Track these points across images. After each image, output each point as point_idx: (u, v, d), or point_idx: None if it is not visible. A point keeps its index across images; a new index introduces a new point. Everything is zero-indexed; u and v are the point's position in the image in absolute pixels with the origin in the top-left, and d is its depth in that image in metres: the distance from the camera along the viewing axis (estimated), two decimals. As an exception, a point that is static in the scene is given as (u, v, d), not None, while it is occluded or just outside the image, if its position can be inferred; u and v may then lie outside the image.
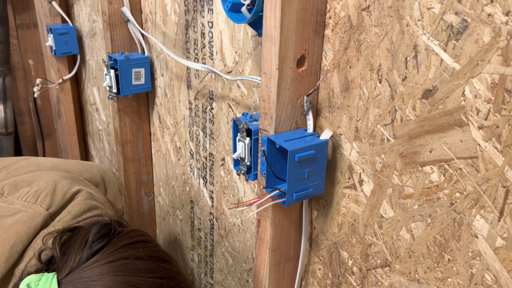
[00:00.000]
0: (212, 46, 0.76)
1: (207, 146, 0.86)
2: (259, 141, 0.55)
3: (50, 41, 1.28)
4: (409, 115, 0.45)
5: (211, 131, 0.83)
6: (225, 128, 0.79)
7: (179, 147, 0.97)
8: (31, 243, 0.62)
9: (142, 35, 0.97)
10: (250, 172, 0.62)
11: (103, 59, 1.07)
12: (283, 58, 0.49)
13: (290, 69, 0.51)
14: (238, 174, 0.63)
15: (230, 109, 0.75)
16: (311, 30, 0.51)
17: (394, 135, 0.47)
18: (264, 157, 0.53)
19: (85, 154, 1.58)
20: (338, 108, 0.53)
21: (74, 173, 0.76)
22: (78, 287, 0.54)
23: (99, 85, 1.31)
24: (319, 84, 0.55)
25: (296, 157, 0.49)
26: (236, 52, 0.70)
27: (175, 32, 0.86)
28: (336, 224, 0.58)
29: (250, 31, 0.66)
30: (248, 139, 0.60)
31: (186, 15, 0.81)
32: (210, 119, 0.82)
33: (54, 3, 1.27)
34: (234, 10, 0.57)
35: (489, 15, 0.37)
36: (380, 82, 0.48)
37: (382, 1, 0.45)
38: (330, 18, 0.52)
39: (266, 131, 0.54)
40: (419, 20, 0.42)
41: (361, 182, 0.53)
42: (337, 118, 0.54)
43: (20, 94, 1.79)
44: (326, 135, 0.53)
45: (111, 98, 1.00)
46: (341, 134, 0.54)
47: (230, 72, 0.73)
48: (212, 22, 0.74)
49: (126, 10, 0.94)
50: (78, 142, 1.51)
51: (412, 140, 0.46)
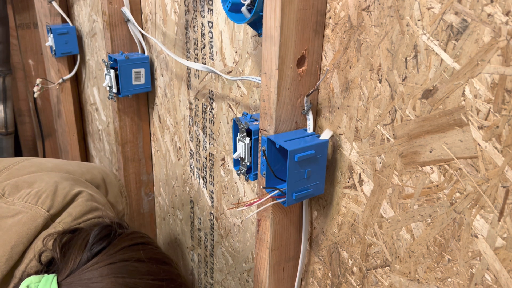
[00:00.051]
0: (212, 46, 0.76)
1: (207, 146, 0.86)
2: (259, 141, 0.55)
3: (50, 41, 1.28)
4: (409, 115, 0.45)
5: (211, 131, 0.83)
6: (225, 128, 0.79)
7: (179, 147, 0.97)
8: (31, 244, 0.62)
9: (142, 35, 0.97)
10: (250, 172, 0.62)
11: (103, 59, 1.07)
12: (283, 58, 0.49)
13: (290, 69, 0.51)
14: (238, 174, 0.63)
15: (230, 109, 0.75)
16: (311, 30, 0.51)
17: (394, 135, 0.47)
18: (264, 157, 0.53)
19: (85, 154, 1.58)
20: (338, 108, 0.53)
21: (75, 174, 0.76)
22: None
23: (99, 85, 1.31)
24: (319, 84, 0.55)
25: (296, 157, 0.49)
26: (236, 52, 0.70)
27: (175, 32, 0.86)
28: (336, 224, 0.58)
29: (250, 31, 0.66)
30: (248, 139, 0.60)
31: (186, 15, 0.81)
32: (210, 119, 0.82)
33: (54, 3, 1.27)
34: (234, 10, 0.57)
35: (489, 15, 0.37)
36: (380, 82, 0.48)
37: (382, 1, 0.45)
38: (330, 18, 0.52)
39: (266, 131, 0.54)
40: (419, 20, 0.42)
41: (361, 182, 0.53)
42: (337, 118, 0.54)
43: (20, 94, 1.79)
44: (326, 135, 0.53)
45: (111, 98, 1.00)
46: (341, 134, 0.54)
47: (230, 72, 0.73)
48: (212, 22, 0.74)
49: (126, 10, 0.94)
50: (78, 142, 1.51)
51: (412, 140, 0.46)
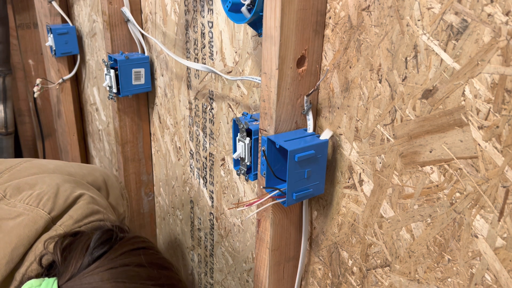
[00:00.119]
0: (212, 46, 0.76)
1: (207, 146, 0.86)
2: (259, 141, 0.55)
3: (50, 41, 1.28)
4: (409, 115, 0.45)
5: (211, 131, 0.83)
6: (225, 128, 0.79)
7: (179, 147, 0.97)
8: (32, 246, 0.62)
9: (142, 35, 0.97)
10: (250, 172, 0.62)
11: (103, 59, 1.07)
12: (283, 58, 0.49)
13: (290, 69, 0.51)
14: (238, 174, 0.63)
15: (230, 109, 0.75)
16: (311, 30, 0.51)
17: (394, 135, 0.47)
18: (264, 157, 0.53)
19: (85, 154, 1.58)
20: (338, 108, 0.53)
21: (77, 176, 0.76)
22: None
23: (99, 85, 1.31)
24: (319, 84, 0.55)
25: (296, 157, 0.49)
26: (236, 52, 0.70)
27: (175, 32, 0.86)
28: (336, 224, 0.58)
29: (250, 31, 0.66)
30: (248, 139, 0.60)
31: (186, 15, 0.81)
32: (210, 119, 0.82)
33: (54, 3, 1.27)
34: (234, 10, 0.57)
35: (489, 15, 0.37)
36: (380, 82, 0.48)
37: (382, 1, 0.45)
38: (330, 18, 0.52)
39: (266, 131, 0.54)
40: (419, 20, 0.42)
41: (361, 182, 0.53)
42: (337, 118, 0.54)
43: (20, 94, 1.79)
44: (326, 135, 0.53)
45: (111, 98, 1.00)
46: (341, 134, 0.54)
47: (230, 72, 0.73)
48: (212, 22, 0.74)
49: (126, 10, 0.94)
50: (78, 142, 1.51)
51: (412, 140, 0.46)
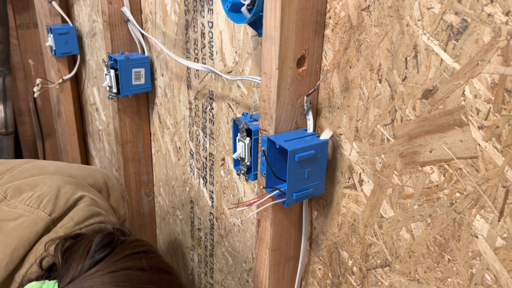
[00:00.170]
0: (212, 46, 0.76)
1: (207, 146, 0.86)
2: (259, 141, 0.55)
3: (50, 41, 1.28)
4: (409, 115, 0.45)
5: (211, 131, 0.83)
6: (225, 128, 0.79)
7: (179, 147, 0.97)
8: (32, 248, 0.62)
9: (142, 35, 0.97)
10: (250, 172, 0.62)
11: (103, 59, 1.07)
12: (283, 58, 0.49)
13: (290, 69, 0.51)
14: (238, 174, 0.63)
15: (230, 109, 0.75)
16: (311, 30, 0.51)
17: (394, 135, 0.47)
18: (264, 157, 0.53)
19: (85, 154, 1.58)
20: (338, 108, 0.53)
21: (78, 178, 0.76)
22: None
23: (99, 85, 1.31)
24: (319, 84, 0.55)
25: (296, 157, 0.49)
26: (236, 52, 0.70)
27: (175, 32, 0.86)
28: (336, 224, 0.58)
29: (250, 31, 0.66)
30: (248, 139, 0.60)
31: (186, 15, 0.81)
32: (210, 119, 0.82)
33: (54, 3, 1.27)
34: (234, 10, 0.57)
35: (489, 15, 0.37)
36: (380, 82, 0.48)
37: (382, 1, 0.45)
38: (330, 18, 0.52)
39: (266, 131, 0.54)
40: (419, 20, 0.42)
41: (361, 182, 0.53)
42: (337, 118, 0.54)
43: (20, 94, 1.79)
44: (326, 135, 0.53)
45: (111, 98, 1.00)
46: (341, 134, 0.54)
47: (230, 72, 0.73)
48: (212, 22, 0.74)
49: (126, 10, 0.94)
50: (78, 142, 1.51)
51: (412, 140, 0.46)
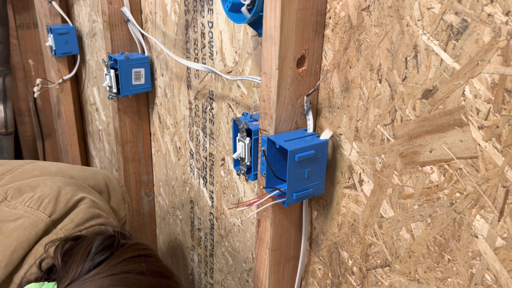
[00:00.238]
0: (212, 46, 0.76)
1: (207, 146, 0.86)
2: (259, 141, 0.55)
3: (50, 41, 1.28)
4: (409, 115, 0.45)
5: (211, 131, 0.83)
6: (225, 128, 0.79)
7: (179, 147, 0.97)
8: (31, 249, 0.61)
9: (142, 35, 0.97)
10: (250, 172, 0.62)
11: (103, 59, 1.07)
12: (283, 58, 0.49)
13: (290, 69, 0.51)
14: (238, 174, 0.63)
15: (230, 109, 0.75)
16: (311, 30, 0.51)
17: (394, 135, 0.47)
18: (264, 157, 0.53)
19: (85, 154, 1.58)
20: (338, 108, 0.53)
21: (79, 179, 0.76)
22: None
23: (99, 85, 1.31)
24: (319, 84, 0.55)
25: (296, 157, 0.49)
26: (236, 52, 0.70)
27: (175, 32, 0.86)
28: (336, 224, 0.58)
29: (250, 31, 0.66)
30: (248, 139, 0.60)
31: (186, 15, 0.81)
32: (210, 119, 0.82)
33: (54, 3, 1.27)
34: (234, 10, 0.57)
35: (489, 15, 0.37)
36: (380, 82, 0.48)
37: (382, 1, 0.45)
38: (330, 18, 0.52)
39: (266, 131, 0.54)
40: (419, 20, 0.42)
41: (361, 182, 0.53)
42: (337, 118, 0.54)
43: (20, 94, 1.79)
44: (326, 135, 0.53)
45: (111, 98, 1.00)
46: (341, 134, 0.54)
47: (230, 72, 0.73)
48: (212, 22, 0.74)
49: (126, 10, 0.94)
50: (78, 142, 1.51)
51: (412, 140, 0.46)
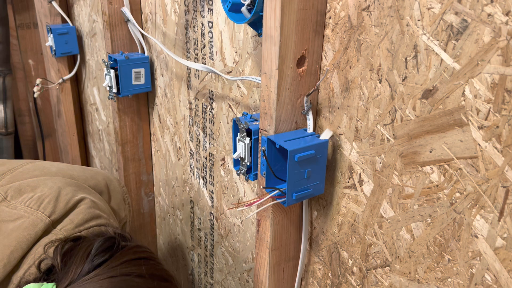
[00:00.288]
0: (212, 46, 0.76)
1: (207, 146, 0.86)
2: (259, 141, 0.55)
3: (50, 41, 1.28)
4: (409, 115, 0.45)
5: (211, 131, 0.83)
6: (225, 128, 0.79)
7: (179, 147, 0.97)
8: (31, 250, 0.61)
9: (142, 35, 0.97)
10: (250, 172, 0.62)
11: (103, 59, 1.07)
12: (283, 58, 0.49)
13: (290, 69, 0.51)
14: (238, 174, 0.63)
15: (230, 109, 0.75)
16: (311, 30, 0.51)
17: (394, 135, 0.47)
18: (264, 157, 0.53)
19: (85, 154, 1.58)
20: (338, 108, 0.53)
21: (79, 179, 0.75)
22: None
23: (99, 85, 1.31)
24: (319, 84, 0.55)
25: (296, 157, 0.49)
26: (236, 52, 0.70)
27: (175, 32, 0.86)
28: (336, 224, 0.58)
29: (250, 31, 0.66)
30: (248, 139, 0.60)
31: (186, 15, 0.81)
32: (210, 119, 0.82)
33: (54, 3, 1.27)
34: (234, 10, 0.57)
35: (489, 15, 0.37)
36: (380, 82, 0.48)
37: (382, 1, 0.45)
38: (330, 18, 0.52)
39: (266, 131, 0.54)
40: (419, 20, 0.42)
41: (361, 182, 0.53)
42: (337, 118, 0.54)
43: (20, 94, 1.79)
44: (326, 135, 0.53)
45: (111, 98, 1.00)
46: (341, 134, 0.54)
47: (230, 72, 0.73)
48: (212, 22, 0.74)
49: (126, 10, 0.94)
50: (78, 142, 1.51)
51: (412, 140, 0.46)
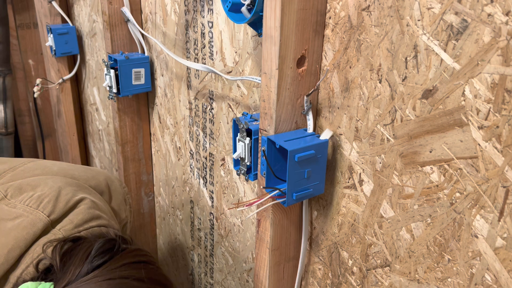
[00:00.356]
0: (212, 46, 0.76)
1: (207, 146, 0.86)
2: (259, 141, 0.55)
3: (50, 41, 1.28)
4: (409, 115, 0.45)
5: (211, 131, 0.83)
6: (225, 128, 0.79)
7: (179, 147, 0.97)
8: (29, 249, 0.61)
9: (142, 35, 0.97)
10: (250, 172, 0.62)
11: (103, 59, 1.07)
12: (283, 58, 0.49)
13: (290, 69, 0.51)
14: (238, 174, 0.63)
15: (230, 109, 0.75)
16: (311, 30, 0.51)
17: (394, 135, 0.47)
18: (264, 157, 0.53)
19: (85, 154, 1.58)
20: (338, 108, 0.53)
21: (80, 179, 0.75)
22: None
23: (99, 85, 1.31)
24: (319, 84, 0.55)
25: (296, 157, 0.49)
26: (236, 52, 0.70)
27: (175, 32, 0.86)
28: (336, 224, 0.58)
29: (250, 31, 0.66)
30: (248, 139, 0.60)
31: (186, 15, 0.81)
32: (210, 119, 0.82)
33: (54, 3, 1.27)
34: (234, 10, 0.57)
35: (489, 15, 0.37)
36: (380, 82, 0.48)
37: (382, 1, 0.45)
38: (330, 18, 0.52)
39: (266, 131, 0.54)
40: (419, 20, 0.42)
41: (361, 182, 0.53)
42: (337, 118, 0.54)
43: (20, 94, 1.79)
44: (326, 135, 0.53)
45: (111, 98, 1.00)
46: (341, 134, 0.54)
47: (230, 72, 0.73)
48: (212, 22, 0.74)
49: (126, 10, 0.94)
50: (78, 142, 1.51)
51: (412, 140, 0.46)
